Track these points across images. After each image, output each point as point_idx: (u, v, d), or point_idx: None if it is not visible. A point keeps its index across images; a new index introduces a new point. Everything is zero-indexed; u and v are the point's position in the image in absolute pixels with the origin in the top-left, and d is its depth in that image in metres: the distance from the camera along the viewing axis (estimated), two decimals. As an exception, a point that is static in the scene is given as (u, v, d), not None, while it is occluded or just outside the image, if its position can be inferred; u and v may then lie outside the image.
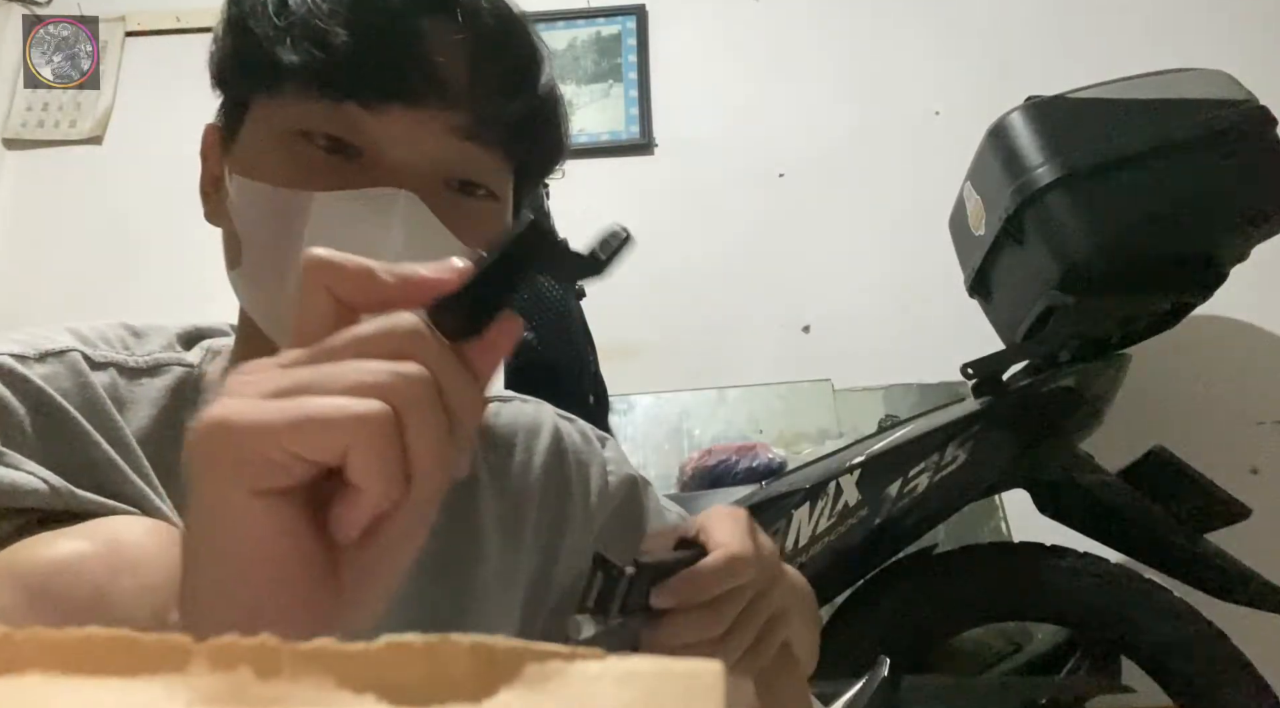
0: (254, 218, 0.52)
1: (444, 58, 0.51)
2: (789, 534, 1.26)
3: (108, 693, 0.16)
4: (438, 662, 0.17)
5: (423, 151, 0.51)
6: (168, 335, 0.59)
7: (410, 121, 0.50)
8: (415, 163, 0.51)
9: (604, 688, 0.17)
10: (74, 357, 0.53)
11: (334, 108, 0.50)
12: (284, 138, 0.51)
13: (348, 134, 0.51)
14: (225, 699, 0.17)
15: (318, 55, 0.49)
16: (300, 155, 0.51)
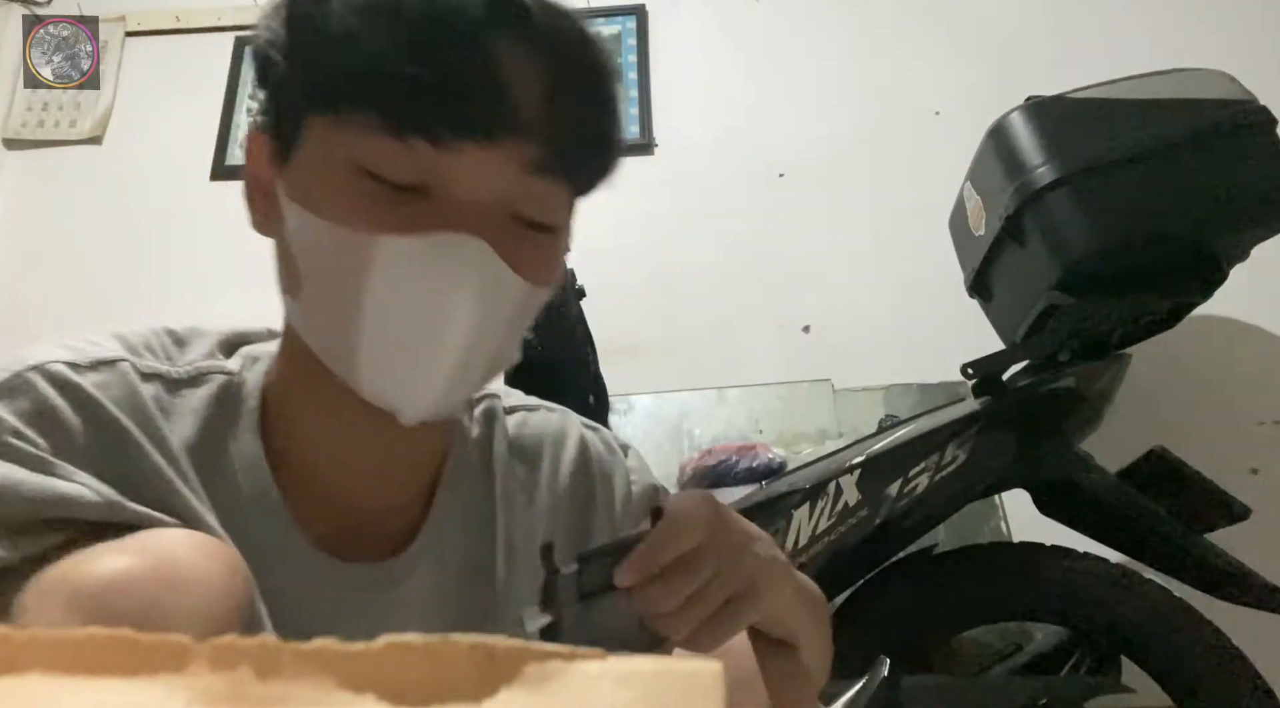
0: (315, 255, 0.50)
1: (520, 88, 0.48)
2: (789, 534, 1.26)
3: (108, 693, 0.16)
4: (438, 662, 0.17)
5: (492, 189, 0.49)
6: (209, 343, 0.58)
7: (482, 159, 0.48)
8: (484, 201, 0.49)
9: (604, 688, 0.17)
10: (124, 366, 0.52)
11: (402, 144, 0.47)
12: (347, 171, 0.48)
13: (416, 173, 0.48)
14: (225, 699, 0.17)
15: (388, 88, 0.47)
16: (365, 192, 0.48)
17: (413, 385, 0.51)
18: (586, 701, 0.17)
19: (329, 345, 0.52)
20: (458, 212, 0.48)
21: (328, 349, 0.53)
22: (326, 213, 0.49)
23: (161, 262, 2.18)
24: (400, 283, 0.48)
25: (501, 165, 0.49)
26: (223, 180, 2.28)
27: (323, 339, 0.53)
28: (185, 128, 2.34)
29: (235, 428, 0.55)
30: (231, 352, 0.59)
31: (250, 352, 0.59)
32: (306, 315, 0.53)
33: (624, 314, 1.87)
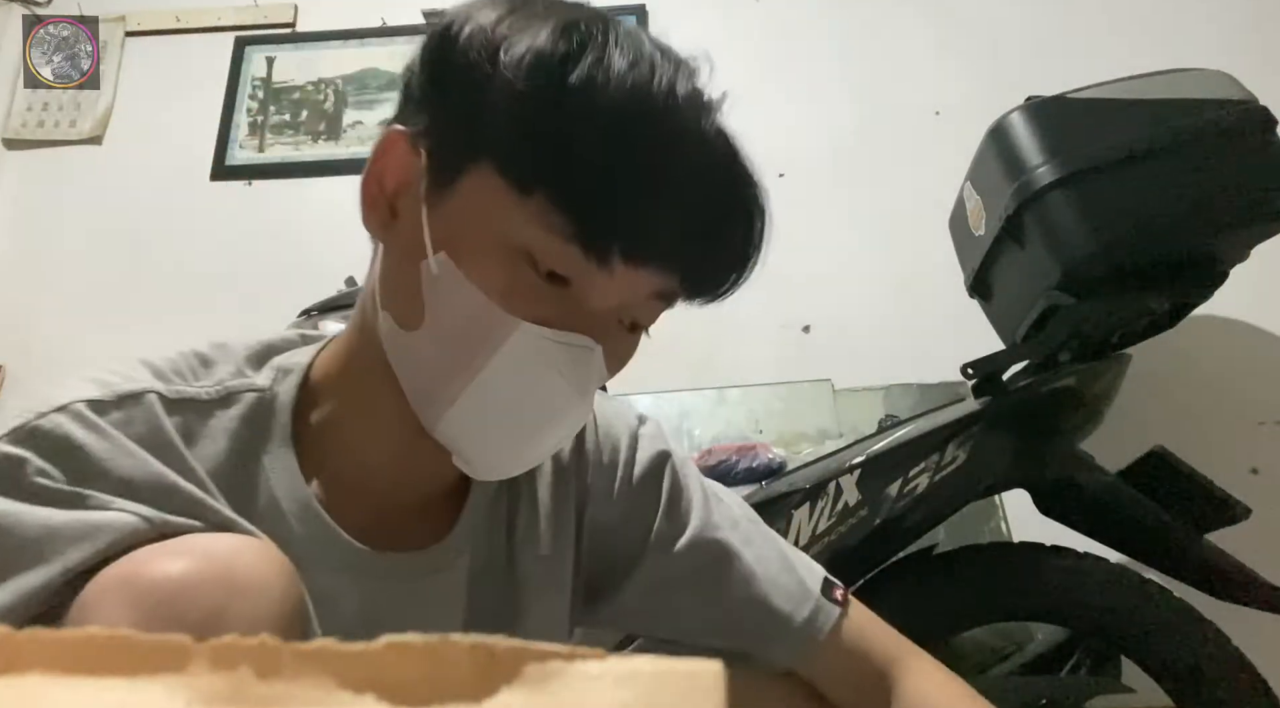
0: (452, 311, 0.52)
1: (688, 226, 0.51)
2: (789, 534, 1.26)
3: (108, 693, 0.16)
4: (438, 662, 0.17)
5: (621, 303, 0.54)
6: (236, 359, 0.59)
7: (629, 278, 0.52)
8: (612, 310, 0.54)
9: (604, 688, 0.17)
10: (150, 399, 0.53)
11: (578, 253, 0.49)
12: (511, 251, 0.50)
13: (570, 274, 0.51)
14: (225, 699, 0.17)
15: (581, 192, 0.48)
16: (522, 277, 0.51)
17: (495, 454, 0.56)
18: (586, 701, 0.17)
19: (426, 388, 0.55)
20: (590, 316, 0.53)
21: (421, 390, 0.55)
22: (478, 279, 0.51)
23: (161, 262, 2.18)
24: (524, 366, 0.52)
25: (641, 289, 0.53)
26: (223, 180, 2.28)
27: (421, 380, 0.55)
28: (185, 128, 2.34)
29: (268, 444, 0.57)
30: (260, 365, 0.60)
31: (281, 364, 0.60)
32: (413, 351, 0.54)
33: (624, 314, 1.87)
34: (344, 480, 0.58)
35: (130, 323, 2.02)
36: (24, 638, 0.17)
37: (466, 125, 0.51)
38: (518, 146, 0.49)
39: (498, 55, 0.49)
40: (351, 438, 0.58)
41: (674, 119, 0.49)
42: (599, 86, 0.47)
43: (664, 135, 0.49)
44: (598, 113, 0.47)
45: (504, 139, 0.49)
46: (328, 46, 2.43)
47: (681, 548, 0.68)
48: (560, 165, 0.48)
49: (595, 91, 0.47)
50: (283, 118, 2.35)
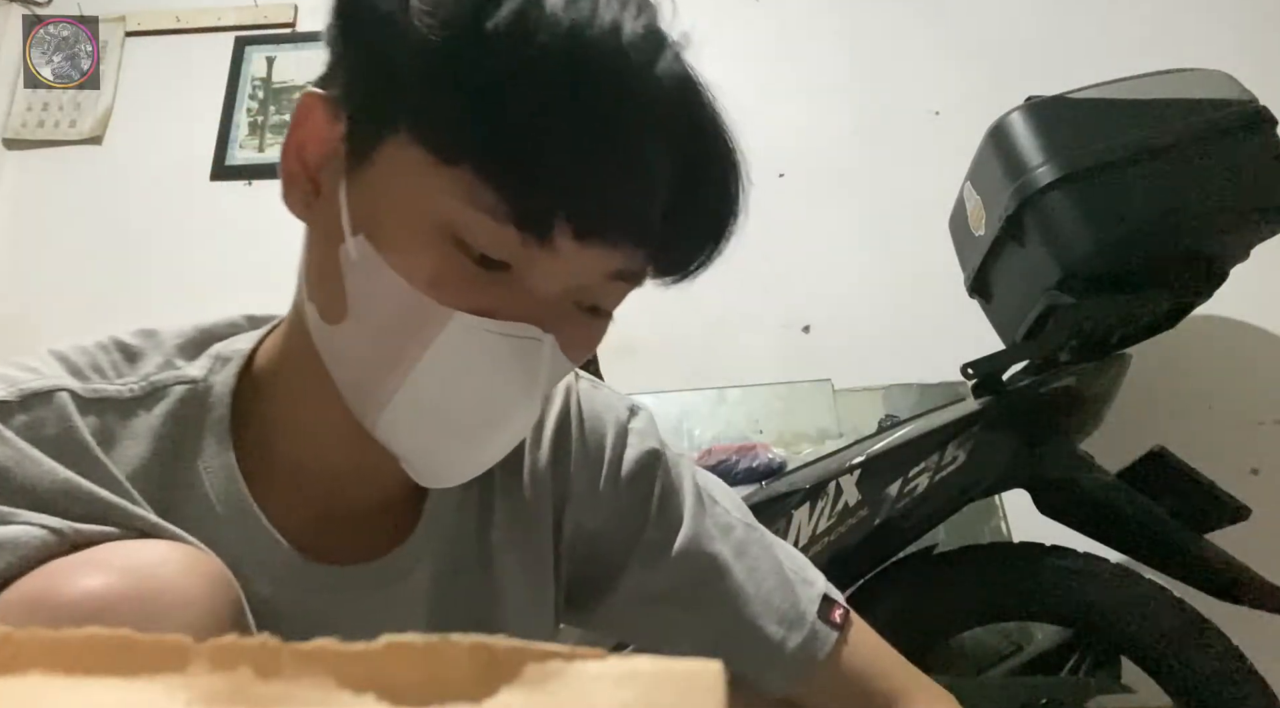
0: (377, 303, 0.45)
1: (644, 197, 0.44)
2: (789, 534, 1.26)
3: (108, 693, 0.16)
4: (438, 662, 0.17)
5: (576, 285, 0.47)
6: (165, 350, 0.53)
7: (577, 259, 0.44)
8: (563, 293, 0.47)
9: (604, 688, 0.17)
10: (61, 398, 0.47)
11: (513, 234, 0.43)
12: (437, 233, 0.43)
13: (507, 257, 0.44)
14: (225, 699, 0.17)
15: (512, 160, 0.41)
16: (451, 262, 0.44)
17: (441, 461, 0.49)
18: (586, 701, 0.17)
19: (358, 384, 0.49)
20: (535, 302, 0.46)
21: (354, 386, 0.49)
22: (402, 268, 0.44)
23: (161, 262, 2.18)
24: (461, 363, 0.45)
25: (593, 266, 0.46)
26: (223, 180, 2.28)
27: (352, 375, 0.49)
28: (185, 128, 2.34)
29: (200, 442, 0.51)
30: (195, 354, 0.54)
31: (219, 352, 0.54)
32: (341, 347, 0.49)
33: (624, 314, 1.87)
34: (287, 482, 0.52)
35: (130, 323, 2.01)
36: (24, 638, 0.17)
37: (379, 86, 0.44)
38: (434, 109, 0.42)
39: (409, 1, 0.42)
40: (293, 435, 0.53)
41: (621, 63, 0.41)
42: (528, 30, 0.40)
43: (609, 84, 0.41)
44: (526, 62, 0.40)
45: (418, 101, 0.42)
46: (328, 46, 2.43)
47: (670, 560, 0.62)
48: (484, 129, 0.41)
49: (523, 37, 0.40)
50: (283, 118, 2.35)
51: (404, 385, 0.46)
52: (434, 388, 0.46)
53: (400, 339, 0.45)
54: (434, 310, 0.44)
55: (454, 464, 0.50)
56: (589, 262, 0.45)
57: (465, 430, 0.48)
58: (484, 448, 0.49)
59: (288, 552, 0.52)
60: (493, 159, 0.41)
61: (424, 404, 0.47)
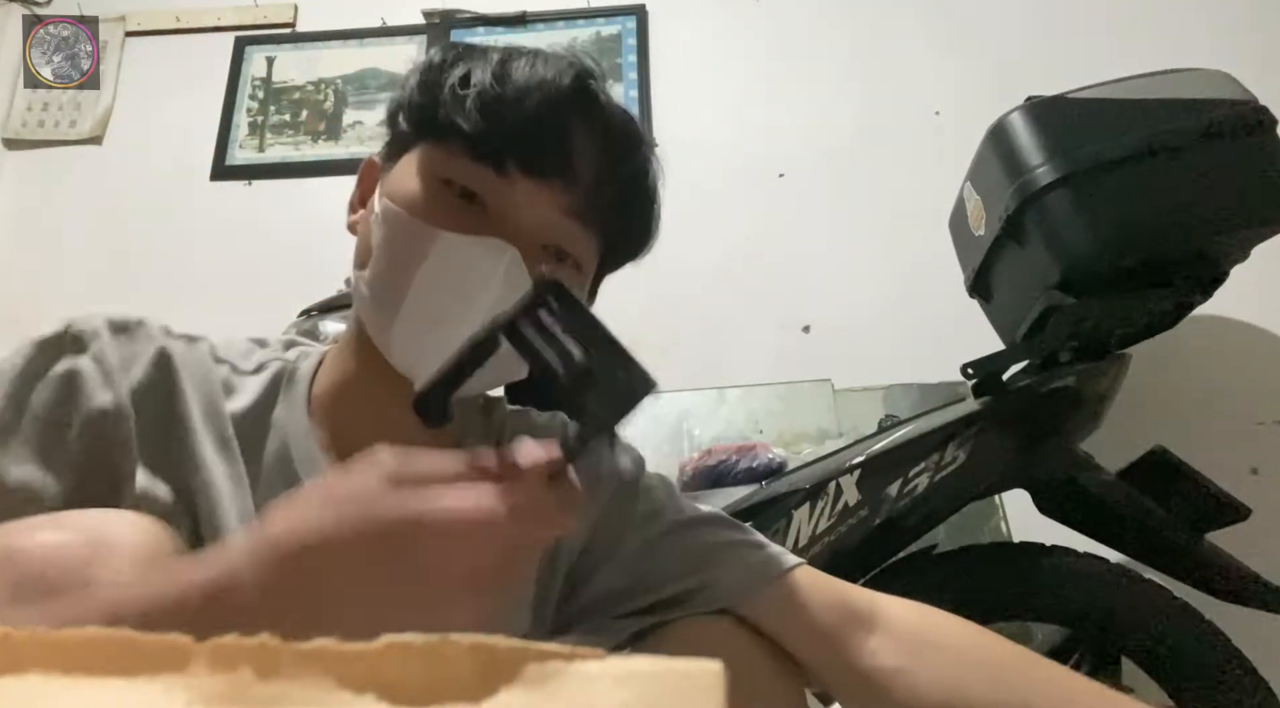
0: (387, 235, 0.62)
1: (575, 148, 0.62)
2: (789, 534, 1.26)
3: (108, 693, 0.16)
4: (438, 662, 0.17)
5: (533, 219, 0.62)
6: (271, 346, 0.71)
7: (531, 192, 0.61)
8: (525, 225, 0.61)
9: (603, 688, 0.17)
10: (203, 345, 0.65)
11: (477, 167, 0.61)
12: (431, 180, 0.62)
13: (480, 190, 0.61)
14: (225, 699, 0.17)
15: (480, 124, 0.60)
16: (439, 197, 0.62)
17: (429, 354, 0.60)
18: (586, 700, 0.17)
19: (375, 312, 0.63)
20: (504, 227, 0.61)
21: (372, 315, 0.64)
22: (407, 206, 0.62)
23: (161, 262, 2.18)
24: (444, 269, 0.60)
25: (546, 203, 0.62)
26: (223, 180, 2.28)
27: (372, 307, 0.64)
28: (185, 128, 2.34)
29: (288, 400, 0.67)
30: (289, 350, 0.72)
31: (304, 350, 0.72)
32: (367, 286, 0.64)
33: (624, 314, 1.87)
34: (346, 444, 0.65)
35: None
36: (24, 638, 0.17)
37: (403, 127, 0.66)
38: (433, 115, 0.63)
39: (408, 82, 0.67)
40: (351, 406, 0.67)
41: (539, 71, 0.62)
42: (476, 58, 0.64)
43: (534, 76, 0.62)
44: (477, 68, 0.62)
45: (424, 116, 0.64)
46: (328, 46, 2.43)
47: (660, 525, 0.72)
48: (456, 107, 0.61)
49: (473, 58, 0.64)
50: (283, 118, 2.35)
51: (406, 299, 0.61)
52: (429, 297, 0.60)
53: (402, 260, 0.61)
54: (426, 231, 0.60)
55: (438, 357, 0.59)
56: (540, 196, 0.61)
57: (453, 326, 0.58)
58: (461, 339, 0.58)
59: None
60: (464, 124, 0.61)
61: (423, 313, 0.61)
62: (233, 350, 0.68)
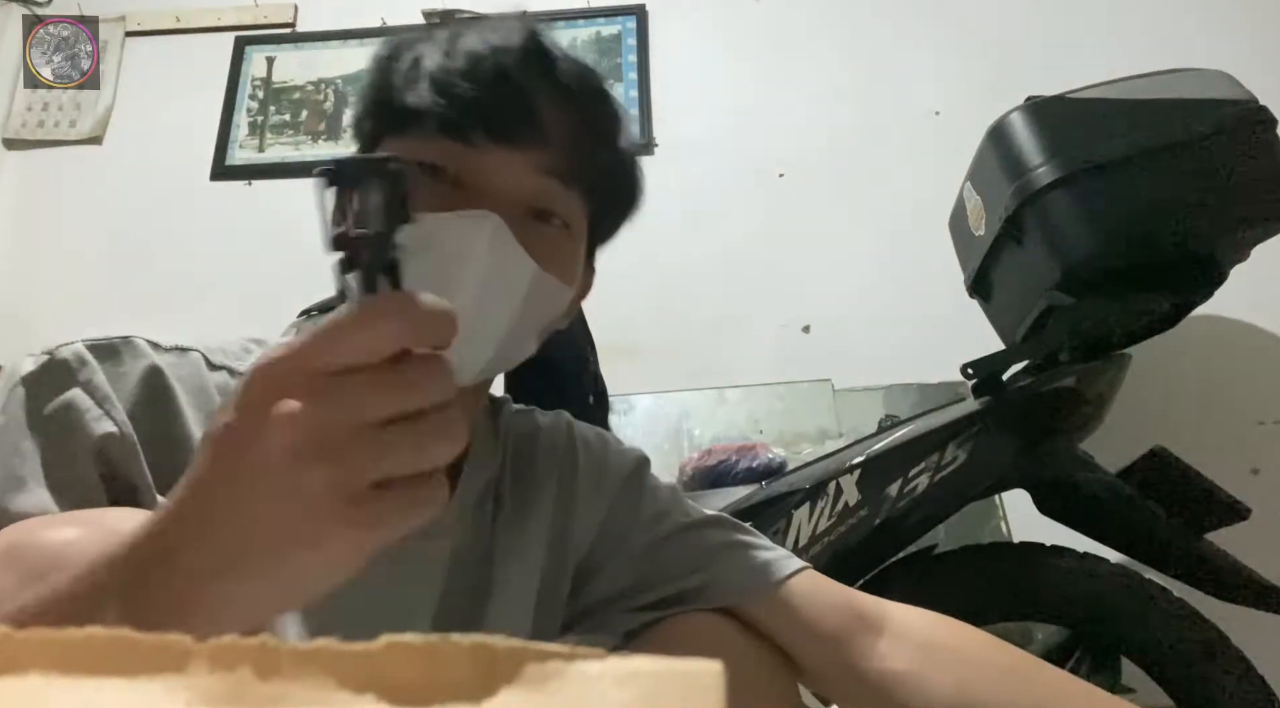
0: None
1: (540, 108, 0.61)
2: (789, 534, 1.26)
3: (108, 693, 0.16)
4: (437, 662, 0.17)
5: (511, 183, 0.61)
6: (269, 346, 0.69)
7: (503, 158, 0.60)
8: (504, 191, 0.60)
9: (604, 688, 0.17)
10: (195, 356, 0.63)
11: (445, 144, 0.60)
12: None
13: (452, 165, 0.60)
14: (225, 699, 0.17)
15: (439, 102, 0.60)
16: (415, 183, 0.56)
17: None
18: (586, 701, 0.17)
19: None
20: (483, 197, 0.59)
21: None
22: None
23: (161, 262, 2.18)
24: (430, 248, 0.57)
25: (520, 166, 0.60)
26: (223, 180, 2.28)
27: None
28: (185, 128, 2.34)
29: None
30: None
31: None
32: None
33: (624, 314, 1.87)
34: None
35: (130, 323, 2.00)
36: (24, 638, 0.17)
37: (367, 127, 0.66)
38: (394, 106, 0.62)
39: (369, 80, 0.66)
40: None
41: (486, 29, 0.62)
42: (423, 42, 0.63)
43: (484, 43, 0.61)
44: (425, 50, 0.62)
45: (385, 108, 0.63)
46: (328, 46, 2.43)
47: (667, 525, 0.73)
48: (412, 93, 0.61)
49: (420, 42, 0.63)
50: (283, 118, 2.35)
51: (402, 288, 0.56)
52: (419, 275, 0.58)
53: None
54: None
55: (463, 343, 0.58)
56: (513, 160, 0.60)
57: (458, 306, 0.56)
58: (484, 320, 0.59)
59: None
60: (420, 105, 0.61)
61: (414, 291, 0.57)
62: (228, 353, 0.66)
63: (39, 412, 0.56)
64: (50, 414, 0.56)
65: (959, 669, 0.64)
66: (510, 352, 0.64)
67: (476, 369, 0.63)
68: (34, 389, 0.57)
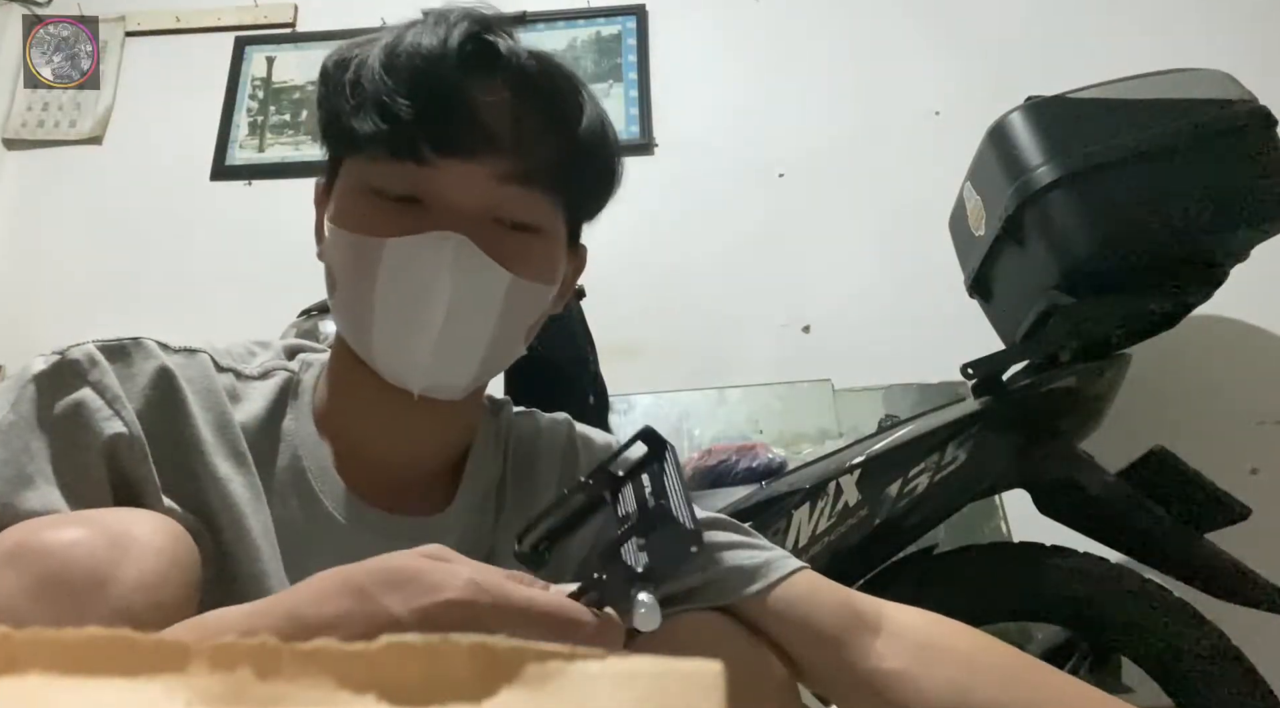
0: (342, 260, 0.62)
1: (488, 114, 0.59)
2: (789, 534, 1.26)
3: (108, 693, 0.16)
4: (437, 662, 0.17)
5: (471, 197, 0.60)
6: (274, 351, 0.70)
7: (460, 173, 0.59)
8: (466, 207, 0.60)
9: (604, 688, 0.17)
10: (203, 357, 0.64)
11: (398, 166, 0.59)
12: (361, 193, 0.61)
13: (409, 188, 0.60)
14: (225, 699, 0.17)
15: (382, 126, 0.58)
16: (374, 207, 0.60)
17: (411, 359, 0.61)
18: (586, 701, 0.17)
19: (354, 332, 0.64)
20: (444, 215, 0.59)
21: (353, 336, 0.64)
22: (348, 225, 0.61)
23: (161, 262, 2.18)
24: (399, 274, 0.59)
25: (479, 177, 0.59)
26: (223, 180, 2.28)
27: (350, 328, 0.64)
28: (185, 128, 2.34)
29: (296, 412, 0.66)
30: (292, 357, 0.71)
31: (305, 358, 0.71)
32: (339, 310, 0.65)
33: (624, 314, 1.87)
34: (355, 453, 0.66)
35: (130, 323, 2.01)
36: (24, 638, 0.17)
37: (324, 142, 0.66)
38: (344, 127, 0.61)
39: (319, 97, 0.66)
40: (349, 411, 0.67)
41: (425, 30, 0.61)
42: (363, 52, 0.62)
43: (420, 51, 0.59)
44: (365, 64, 0.60)
45: (338, 130, 0.62)
46: (327, 46, 2.39)
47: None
48: (356, 114, 0.59)
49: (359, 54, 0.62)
50: (283, 118, 2.35)
51: (374, 311, 0.61)
52: (394, 301, 0.60)
53: (361, 277, 0.60)
54: (372, 244, 0.60)
55: (433, 358, 0.61)
56: (469, 173, 0.59)
57: (429, 325, 0.60)
58: (452, 336, 0.60)
59: (357, 500, 0.65)
60: (372, 129, 0.59)
61: (393, 317, 0.61)
62: (234, 356, 0.67)
63: (49, 411, 0.56)
64: (60, 413, 0.56)
65: (955, 669, 0.64)
66: (498, 358, 0.65)
67: (464, 384, 0.64)
68: (45, 388, 0.57)
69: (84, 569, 0.45)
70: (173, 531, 0.51)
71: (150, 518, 0.51)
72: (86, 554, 0.45)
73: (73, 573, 0.44)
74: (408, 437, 0.67)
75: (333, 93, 0.62)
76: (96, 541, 0.46)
